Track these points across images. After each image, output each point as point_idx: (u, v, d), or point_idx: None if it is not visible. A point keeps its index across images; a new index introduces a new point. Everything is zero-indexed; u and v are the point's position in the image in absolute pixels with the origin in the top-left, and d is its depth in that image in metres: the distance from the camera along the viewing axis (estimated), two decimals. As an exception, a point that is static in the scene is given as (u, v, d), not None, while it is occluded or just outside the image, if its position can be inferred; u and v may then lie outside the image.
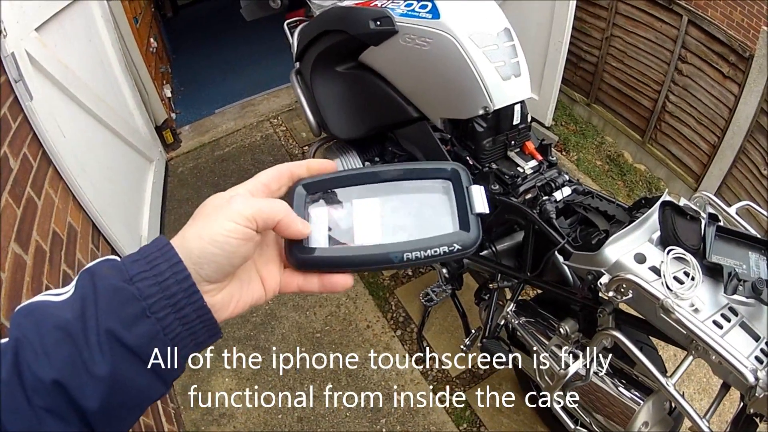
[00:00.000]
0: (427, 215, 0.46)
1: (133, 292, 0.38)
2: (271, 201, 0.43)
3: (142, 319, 0.37)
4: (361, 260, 0.45)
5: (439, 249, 0.43)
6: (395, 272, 2.38)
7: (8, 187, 1.27)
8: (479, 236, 0.44)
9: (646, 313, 1.00)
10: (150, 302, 0.38)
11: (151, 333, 0.38)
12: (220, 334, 0.43)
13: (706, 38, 2.55)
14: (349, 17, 1.43)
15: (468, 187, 0.46)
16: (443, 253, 0.44)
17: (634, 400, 1.16)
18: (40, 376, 0.35)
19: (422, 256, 0.43)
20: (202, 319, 0.40)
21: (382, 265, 0.44)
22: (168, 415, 1.77)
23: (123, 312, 0.37)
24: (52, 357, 0.35)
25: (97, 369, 0.36)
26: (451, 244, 0.44)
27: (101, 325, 0.36)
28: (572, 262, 1.12)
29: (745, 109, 2.43)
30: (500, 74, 1.26)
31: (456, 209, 0.46)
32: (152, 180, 2.75)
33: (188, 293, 0.39)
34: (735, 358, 0.81)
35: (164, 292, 0.38)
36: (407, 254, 0.43)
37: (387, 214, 0.46)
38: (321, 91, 1.65)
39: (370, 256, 0.44)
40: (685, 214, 1.00)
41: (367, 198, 0.47)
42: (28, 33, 1.63)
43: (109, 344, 0.36)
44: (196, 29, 5.23)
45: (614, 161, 3.15)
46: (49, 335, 0.36)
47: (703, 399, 1.88)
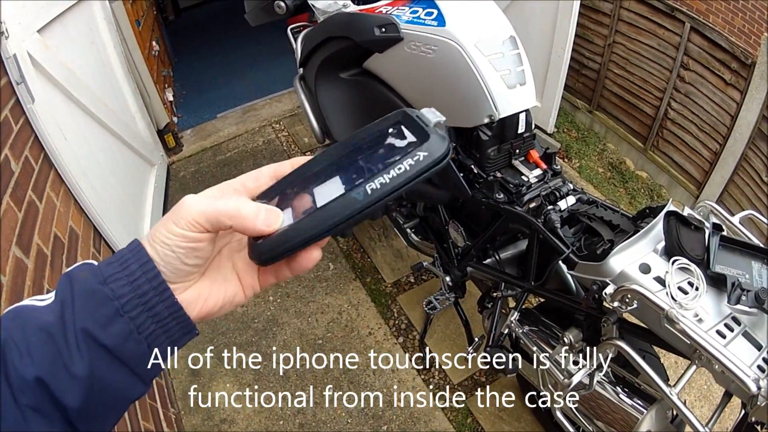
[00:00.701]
0: (386, 152, 0.41)
1: (106, 293, 0.39)
2: (225, 201, 0.41)
3: (116, 318, 0.39)
4: (325, 217, 0.40)
5: (404, 164, 0.39)
6: (398, 279, 2.38)
7: (9, 190, 1.26)
8: (446, 139, 0.40)
9: (650, 322, 1.00)
10: (123, 302, 0.39)
11: (126, 332, 0.39)
12: (195, 331, 0.43)
13: (708, 45, 2.55)
14: (354, 24, 1.43)
15: (418, 114, 0.42)
16: (410, 168, 0.39)
17: (637, 408, 1.17)
18: (24, 375, 0.36)
19: (387, 181, 0.39)
20: (175, 316, 0.41)
21: (348, 212, 0.39)
22: (168, 420, 1.76)
23: (98, 312, 0.38)
24: (35, 356, 0.37)
25: (76, 368, 0.37)
26: (415, 154, 0.39)
27: (78, 326, 0.38)
28: (577, 271, 1.13)
29: (746, 116, 2.43)
30: (505, 83, 1.26)
31: (413, 133, 0.41)
32: (154, 184, 2.75)
33: (158, 291, 0.40)
34: (738, 368, 0.82)
35: (135, 291, 0.39)
36: (370, 185, 0.39)
37: (347, 180, 0.41)
38: (325, 97, 1.65)
39: (332, 208, 0.40)
40: (689, 224, 1.00)
41: (326, 181, 0.43)
42: (31, 34, 1.62)
43: (87, 344, 0.38)
44: (199, 32, 5.23)
45: (616, 168, 3.15)
46: (33, 336, 0.38)
47: (704, 406, 1.88)
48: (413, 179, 0.39)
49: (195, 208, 0.40)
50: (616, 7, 2.95)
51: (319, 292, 2.34)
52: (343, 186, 0.41)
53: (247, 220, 0.40)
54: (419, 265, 1.94)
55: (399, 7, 1.40)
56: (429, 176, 0.40)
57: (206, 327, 2.22)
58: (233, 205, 0.40)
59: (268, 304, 2.32)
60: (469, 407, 1.92)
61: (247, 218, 0.40)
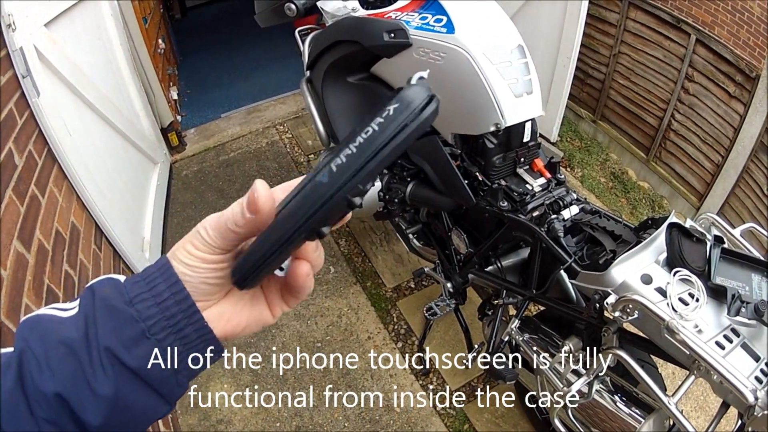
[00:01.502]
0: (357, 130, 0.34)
1: (132, 314, 0.38)
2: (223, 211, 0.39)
3: (142, 340, 0.38)
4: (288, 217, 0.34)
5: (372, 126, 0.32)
6: (398, 284, 2.38)
7: (12, 184, 1.26)
8: (426, 88, 0.33)
9: (650, 332, 1.01)
10: (149, 323, 0.38)
11: (151, 354, 0.38)
12: (223, 351, 0.43)
13: (713, 57, 2.56)
14: (363, 28, 1.43)
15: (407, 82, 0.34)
16: (378, 129, 0.32)
17: (635, 417, 1.18)
18: (42, 389, 0.35)
19: (354, 151, 0.32)
20: (203, 339, 0.40)
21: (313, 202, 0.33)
22: (165, 419, 1.75)
23: (123, 334, 0.37)
24: (56, 371, 0.36)
25: (100, 388, 0.36)
26: (384, 111, 0.32)
27: (102, 345, 0.37)
28: (579, 281, 1.13)
29: (749, 129, 2.44)
30: (513, 91, 1.26)
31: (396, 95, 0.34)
32: (156, 182, 2.75)
33: (188, 314, 0.39)
34: (736, 378, 0.83)
35: (163, 313, 0.38)
36: (335, 162, 0.32)
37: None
38: (332, 100, 1.65)
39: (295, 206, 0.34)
40: (691, 236, 1.02)
41: None
42: (38, 28, 1.62)
43: (111, 364, 0.37)
44: (204, 32, 5.24)
45: (618, 178, 3.16)
46: (54, 350, 0.37)
47: (699, 417, 1.88)
48: (390, 140, 0.32)
49: (207, 225, 0.39)
50: (623, 18, 2.96)
51: (319, 295, 2.34)
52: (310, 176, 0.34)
53: (237, 210, 0.37)
54: (420, 270, 1.94)
55: (408, 13, 1.41)
56: (415, 133, 0.32)
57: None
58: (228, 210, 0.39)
59: (267, 305, 2.31)
60: (466, 413, 1.91)
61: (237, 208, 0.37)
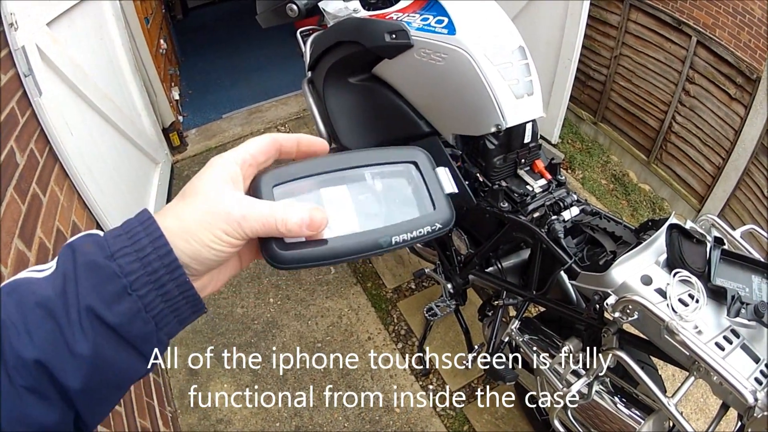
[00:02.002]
0: (399, 199, 0.47)
1: (114, 269, 0.37)
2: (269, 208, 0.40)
3: (124, 296, 0.36)
4: (346, 251, 0.43)
5: (423, 230, 0.45)
6: (399, 285, 2.38)
7: (14, 183, 1.26)
8: (453, 214, 0.46)
9: (650, 333, 1.01)
10: (131, 279, 0.37)
11: (133, 311, 0.37)
12: (204, 309, 0.42)
13: (714, 59, 2.56)
14: (365, 29, 1.43)
15: (435, 169, 0.48)
16: (426, 233, 0.45)
17: (634, 418, 1.18)
18: (22, 356, 0.34)
19: (409, 238, 0.44)
20: (185, 295, 0.39)
21: (369, 252, 0.44)
22: (165, 418, 1.76)
23: (104, 290, 0.36)
24: (34, 336, 0.35)
25: (79, 347, 0.35)
26: (433, 224, 0.45)
27: (82, 303, 0.36)
28: (579, 282, 1.13)
29: (750, 131, 2.44)
30: (513, 92, 1.26)
31: (427, 191, 0.47)
32: (157, 182, 2.75)
33: (170, 269, 0.38)
34: (735, 379, 0.82)
35: (145, 269, 0.37)
36: (395, 238, 0.44)
37: (358, 201, 0.45)
38: (333, 101, 1.65)
39: (355, 245, 0.43)
40: (692, 237, 1.01)
41: (334, 186, 0.45)
42: (40, 27, 1.62)
43: (90, 322, 0.36)
44: (206, 32, 5.25)
45: (619, 180, 3.16)
46: (31, 313, 0.35)
47: (699, 419, 1.89)
48: (424, 240, 0.46)
49: (243, 215, 0.39)
50: (624, 20, 2.96)
51: (320, 296, 2.34)
52: (357, 223, 0.44)
53: (292, 232, 0.41)
54: (421, 271, 1.94)
55: (410, 14, 1.41)
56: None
57: (205, 327, 2.22)
58: (281, 216, 0.40)
59: (268, 306, 2.32)
60: (465, 414, 1.91)
61: (292, 230, 0.40)
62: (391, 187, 0.47)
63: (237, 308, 2.31)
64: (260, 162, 0.45)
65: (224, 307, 2.31)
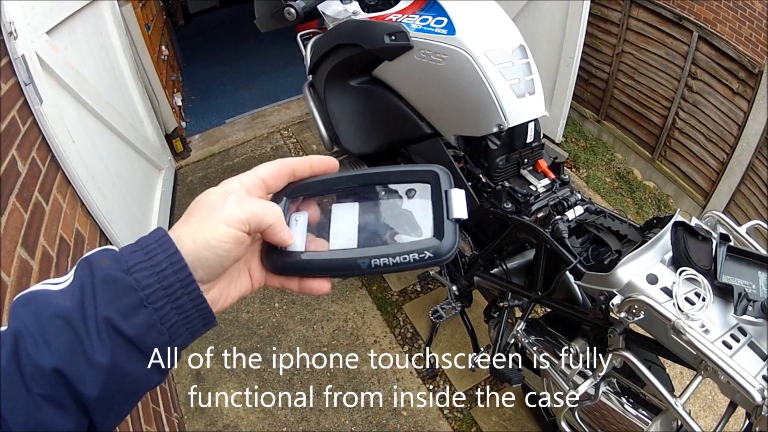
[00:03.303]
0: (404, 221, 0.45)
1: (130, 283, 0.38)
2: (265, 204, 0.43)
3: (140, 309, 0.38)
4: (332, 265, 0.45)
5: (409, 256, 0.43)
6: (404, 288, 2.37)
7: (16, 191, 1.26)
8: (455, 244, 0.43)
9: (656, 333, 1.00)
10: (147, 292, 0.38)
11: (149, 323, 0.38)
12: (214, 322, 0.44)
13: (716, 54, 2.55)
14: (364, 31, 1.43)
15: (447, 191, 0.45)
16: (413, 261, 0.43)
17: (642, 418, 1.16)
18: (40, 364, 0.35)
19: (390, 263, 0.43)
20: (198, 308, 0.41)
21: (351, 271, 0.44)
22: (171, 425, 1.75)
23: (121, 302, 0.38)
24: (53, 345, 0.36)
25: (98, 357, 0.36)
26: (422, 252, 0.42)
27: (100, 314, 0.37)
28: (584, 282, 1.12)
29: (754, 125, 2.42)
30: (515, 92, 1.26)
31: (433, 214, 0.44)
32: (161, 188, 2.75)
33: (185, 283, 0.40)
34: (743, 378, 0.82)
35: (161, 283, 0.39)
36: (375, 261, 0.43)
37: (364, 220, 0.46)
38: (334, 104, 1.64)
39: (340, 261, 0.44)
40: (697, 235, 1.00)
41: (345, 203, 0.47)
42: (39, 36, 1.63)
43: (108, 333, 0.37)
44: (208, 38, 5.27)
45: (623, 178, 3.15)
46: (49, 323, 0.37)
47: (708, 417, 1.86)
48: (412, 268, 0.43)
49: (242, 208, 0.42)
50: (625, 17, 2.95)
51: (325, 300, 2.34)
52: (356, 241, 0.45)
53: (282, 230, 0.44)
54: (426, 273, 1.93)
55: (409, 15, 1.40)
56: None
57: (211, 332, 2.22)
58: (275, 210, 0.44)
59: (273, 311, 2.31)
60: (473, 416, 1.90)
61: (283, 229, 0.44)
62: (401, 208, 0.46)
63: (242, 313, 2.31)
64: (270, 186, 0.47)
65: (230, 312, 2.31)
